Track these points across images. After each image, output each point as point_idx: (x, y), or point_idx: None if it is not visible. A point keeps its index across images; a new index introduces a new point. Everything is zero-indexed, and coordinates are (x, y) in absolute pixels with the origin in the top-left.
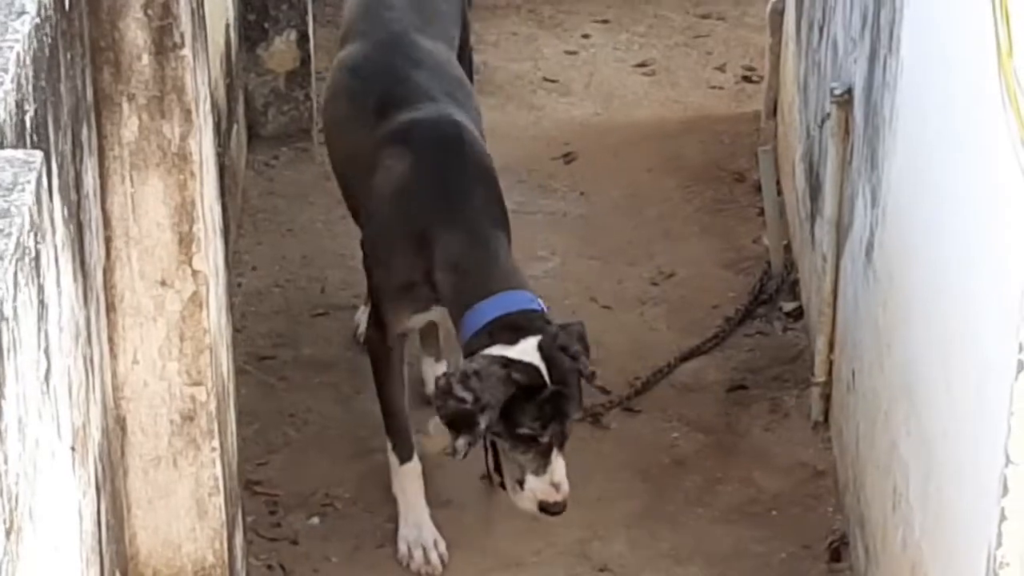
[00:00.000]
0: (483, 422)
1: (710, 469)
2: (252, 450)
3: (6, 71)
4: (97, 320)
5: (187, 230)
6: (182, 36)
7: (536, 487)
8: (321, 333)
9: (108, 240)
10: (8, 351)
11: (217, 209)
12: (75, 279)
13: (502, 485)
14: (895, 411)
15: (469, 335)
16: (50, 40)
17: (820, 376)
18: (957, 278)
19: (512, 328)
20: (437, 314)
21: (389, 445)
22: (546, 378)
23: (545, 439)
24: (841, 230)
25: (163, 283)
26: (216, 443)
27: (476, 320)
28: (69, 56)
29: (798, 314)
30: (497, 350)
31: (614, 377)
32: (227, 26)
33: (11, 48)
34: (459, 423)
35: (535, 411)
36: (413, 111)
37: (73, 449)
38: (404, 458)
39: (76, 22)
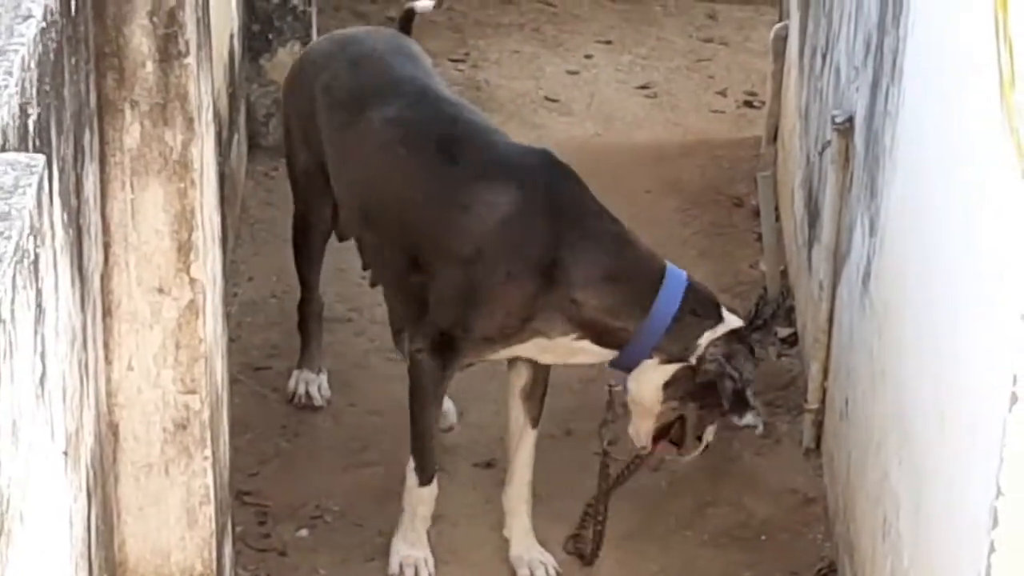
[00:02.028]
0: (751, 396)
1: (701, 492)
2: (243, 460)
3: (11, 75)
4: (93, 325)
5: (186, 238)
6: (187, 44)
7: (710, 432)
8: None
9: (107, 246)
10: (4, 354)
11: (216, 218)
12: (73, 284)
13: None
14: (887, 440)
15: (662, 327)
16: (55, 45)
17: (813, 403)
18: (952, 309)
19: (705, 302)
20: (533, 346)
21: (412, 464)
22: None
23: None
24: (838, 258)
25: (160, 290)
26: (208, 452)
27: (666, 311)
28: (74, 61)
29: (793, 340)
30: (723, 328)
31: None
32: (231, 36)
33: (16, 52)
34: (739, 403)
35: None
36: (488, 148)
37: (66, 454)
38: (425, 481)
39: (81, 27)
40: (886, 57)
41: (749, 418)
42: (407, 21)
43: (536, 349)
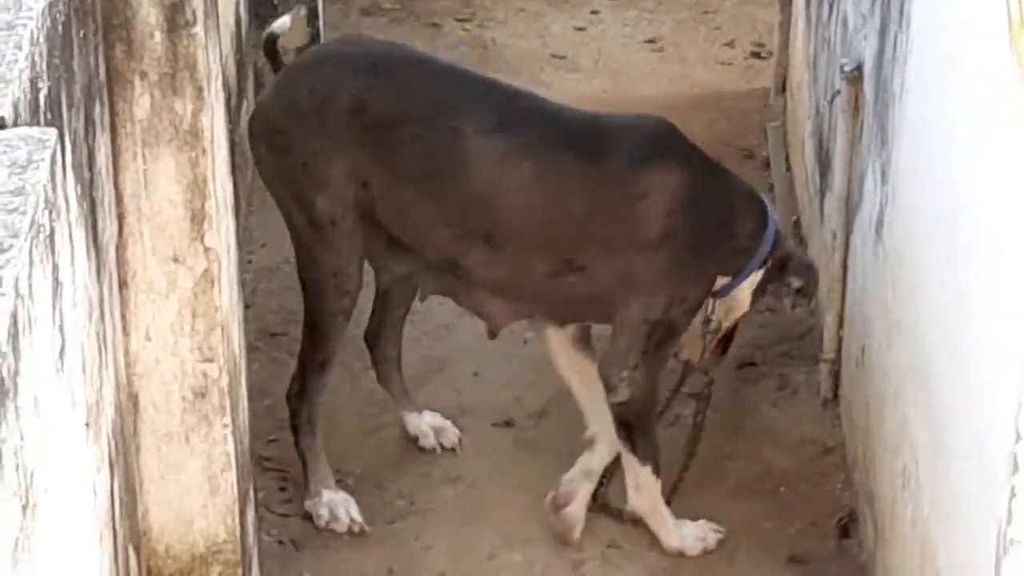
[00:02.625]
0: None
1: (719, 446)
2: (263, 426)
3: (20, 49)
4: (110, 297)
5: (199, 207)
6: (194, 14)
7: None
8: None
9: (121, 217)
10: (24, 328)
11: (229, 186)
12: (88, 256)
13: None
14: (904, 388)
15: (770, 243)
16: (63, 18)
17: (829, 353)
18: (967, 255)
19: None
20: None
21: (652, 478)
22: None
23: None
24: (850, 207)
25: (175, 260)
26: (228, 419)
27: (772, 228)
28: (82, 34)
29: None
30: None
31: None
32: (237, 3)
33: (25, 26)
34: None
35: None
36: (620, 134)
37: (87, 425)
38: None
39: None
40: (893, 4)
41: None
42: (272, 48)
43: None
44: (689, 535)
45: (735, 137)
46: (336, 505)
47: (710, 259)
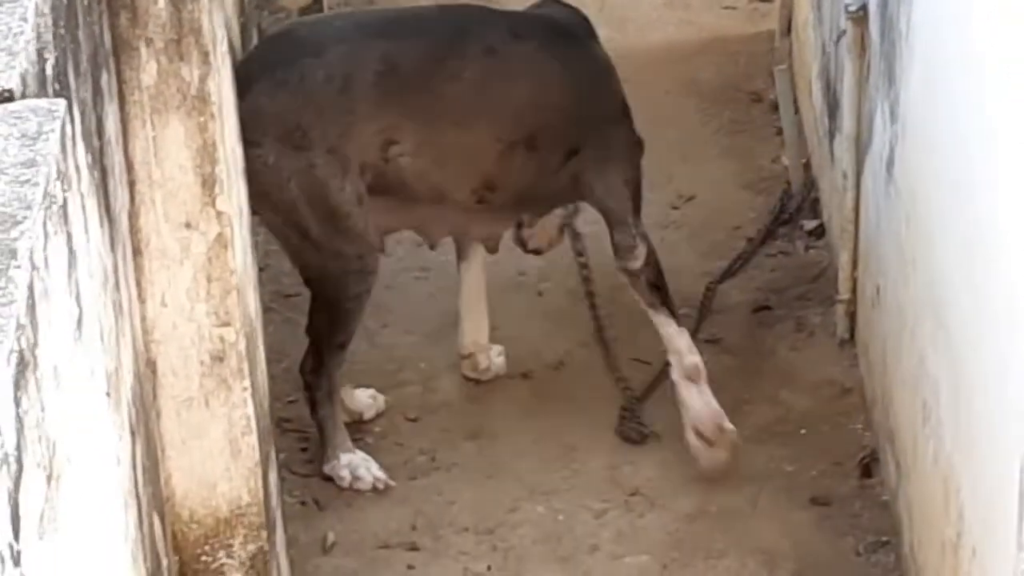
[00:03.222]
0: None
1: (738, 390)
2: (282, 388)
3: (26, 20)
4: (124, 265)
5: (209, 172)
6: None
7: None
8: None
9: (132, 185)
10: (41, 300)
11: (238, 150)
12: (101, 225)
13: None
14: (921, 326)
15: None
16: None
17: (844, 293)
18: (980, 190)
19: None
20: None
21: (674, 322)
22: None
23: None
24: (860, 147)
25: (188, 225)
26: (247, 383)
27: None
28: (86, 2)
29: (820, 232)
30: None
31: (637, 303)
32: None
33: None
34: None
35: None
36: (571, 28)
37: (108, 394)
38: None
39: None
40: None
41: None
42: None
43: None
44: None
45: (743, 81)
46: (356, 465)
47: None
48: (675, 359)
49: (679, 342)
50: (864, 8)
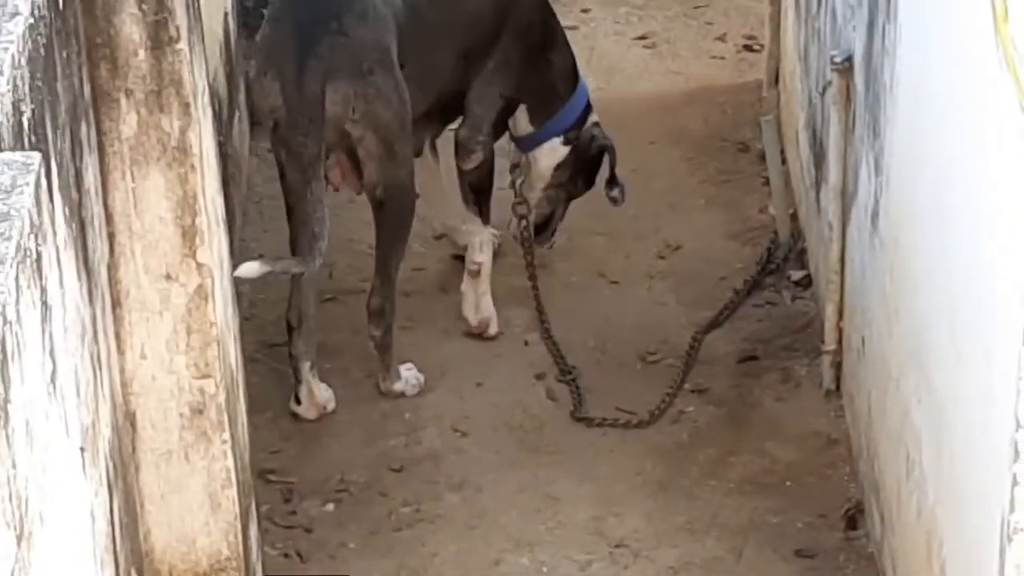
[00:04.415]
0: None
1: (723, 440)
2: (265, 438)
3: (1, 73)
4: (103, 317)
5: (190, 223)
6: (178, 30)
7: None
8: (330, 319)
9: (111, 236)
10: (12, 355)
11: (220, 201)
12: (79, 277)
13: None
14: (906, 378)
15: (574, 115)
16: (45, 39)
17: (830, 344)
18: (963, 243)
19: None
20: None
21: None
22: None
23: None
24: (846, 198)
25: (168, 277)
26: (227, 435)
27: (579, 103)
28: (65, 54)
29: (806, 283)
30: (595, 117)
31: (623, 352)
32: (225, 15)
33: (5, 50)
34: (614, 176)
35: None
36: None
37: (83, 449)
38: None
39: (71, 20)
40: None
41: (616, 192)
42: None
43: None
44: (488, 300)
45: (730, 131)
46: (410, 377)
47: (542, 64)
48: (468, 252)
49: (476, 239)
50: (850, 60)
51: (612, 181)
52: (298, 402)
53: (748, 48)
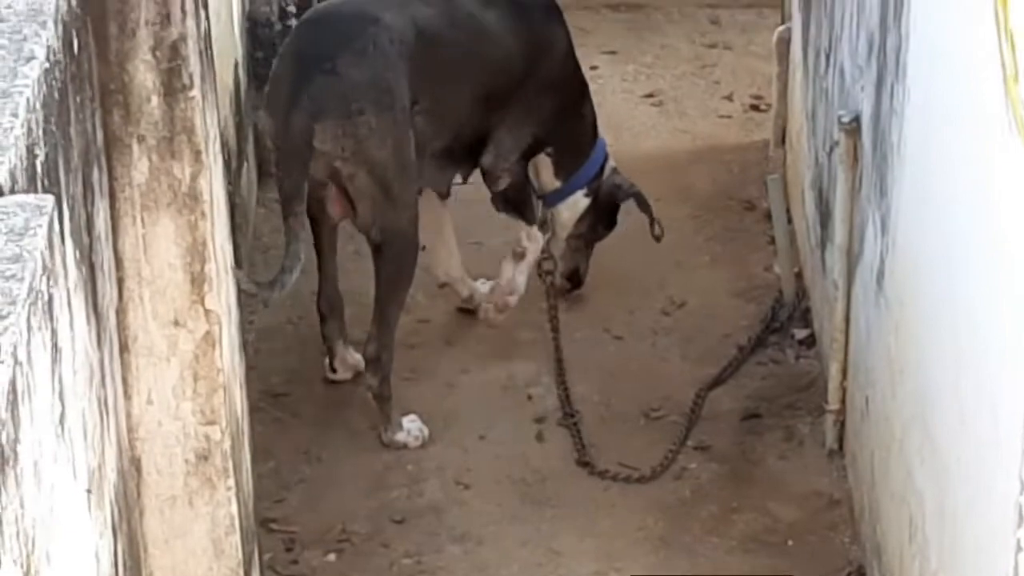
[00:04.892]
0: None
1: (726, 498)
2: (268, 487)
3: (16, 116)
4: (111, 361)
5: (199, 270)
6: (191, 77)
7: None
8: None
9: (120, 281)
10: (23, 395)
11: (228, 248)
12: (88, 321)
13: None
14: (909, 439)
15: (595, 169)
16: (59, 84)
17: (834, 404)
18: (968, 305)
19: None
20: None
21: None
22: None
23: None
24: (852, 257)
25: (176, 323)
26: (231, 482)
27: (598, 157)
28: (79, 99)
29: (810, 342)
30: (611, 164)
31: (627, 407)
32: (235, 64)
33: (21, 93)
34: (643, 203)
35: None
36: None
37: (89, 491)
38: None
39: (85, 65)
40: (889, 56)
41: (658, 230)
42: None
43: None
44: (522, 282)
45: (736, 189)
46: (412, 428)
47: (571, 118)
48: (525, 240)
49: (525, 233)
50: (857, 120)
51: (652, 221)
52: (333, 370)
53: (755, 108)
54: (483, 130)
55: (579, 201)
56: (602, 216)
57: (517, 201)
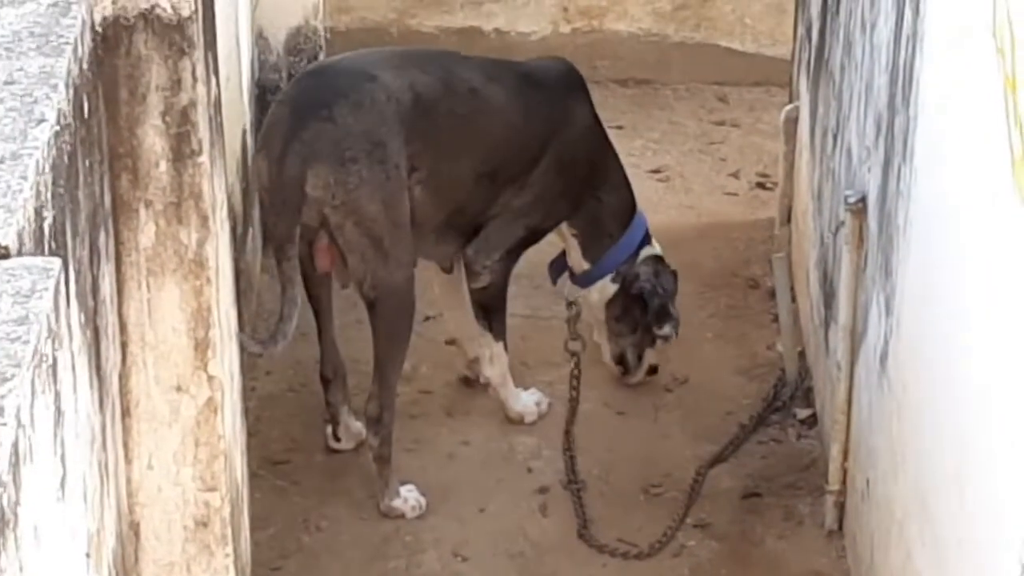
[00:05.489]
0: (673, 309)
1: None
2: (266, 555)
3: (25, 179)
4: (112, 425)
5: (203, 336)
6: (200, 143)
7: (650, 356)
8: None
9: (124, 345)
10: (25, 457)
11: (233, 314)
12: (91, 385)
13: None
14: (909, 521)
15: (628, 252)
16: (69, 147)
17: (834, 484)
18: (971, 388)
19: (646, 237)
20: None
21: (496, 345)
22: None
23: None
24: (855, 338)
25: (179, 388)
26: (230, 549)
27: (632, 239)
28: (87, 163)
29: (812, 421)
30: (648, 251)
31: (627, 483)
32: (243, 131)
33: (30, 156)
34: (663, 314)
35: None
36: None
37: (88, 555)
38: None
39: (95, 129)
40: (897, 137)
41: (667, 329)
42: None
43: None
44: (528, 401)
45: (741, 267)
46: (409, 496)
47: (589, 202)
48: (480, 364)
49: (487, 351)
50: (863, 200)
51: (659, 319)
52: (337, 439)
53: (761, 185)
54: (493, 207)
55: (606, 286)
56: (632, 305)
57: (489, 307)
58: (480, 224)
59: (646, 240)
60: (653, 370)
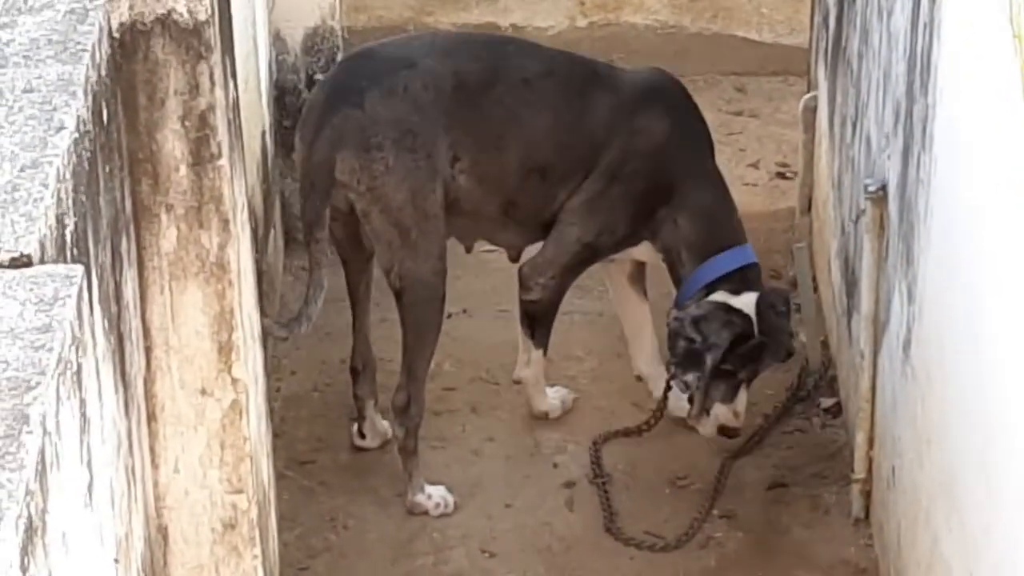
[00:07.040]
0: (709, 360)
1: (751, 567)
2: (293, 555)
3: (46, 186)
4: (138, 430)
5: (226, 338)
6: (219, 146)
7: (721, 413)
8: None
9: (148, 350)
10: (51, 465)
11: (256, 316)
12: (116, 390)
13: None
14: (936, 508)
15: (703, 281)
16: (89, 154)
17: (860, 473)
18: (995, 374)
19: (748, 279)
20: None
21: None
22: (755, 328)
23: (741, 376)
24: (878, 326)
25: (203, 392)
26: (258, 550)
27: (714, 269)
28: (108, 169)
29: (836, 410)
30: (721, 297)
31: (652, 476)
32: (263, 133)
33: (51, 163)
34: (688, 361)
35: (740, 354)
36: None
37: (116, 561)
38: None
39: (114, 135)
40: (916, 125)
41: (689, 377)
42: None
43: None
44: (554, 399)
45: (762, 257)
46: (435, 493)
47: (663, 220)
48: (522, 366)
49: (525, 356)
50: (883, 189)
51: (682, 365)
52: (362, 436)
53: (781, 175)
54: (551, 205)
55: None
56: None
57: (535, 318)
58: (546, 223)
59: (732, 281)
60: (725, 431)
